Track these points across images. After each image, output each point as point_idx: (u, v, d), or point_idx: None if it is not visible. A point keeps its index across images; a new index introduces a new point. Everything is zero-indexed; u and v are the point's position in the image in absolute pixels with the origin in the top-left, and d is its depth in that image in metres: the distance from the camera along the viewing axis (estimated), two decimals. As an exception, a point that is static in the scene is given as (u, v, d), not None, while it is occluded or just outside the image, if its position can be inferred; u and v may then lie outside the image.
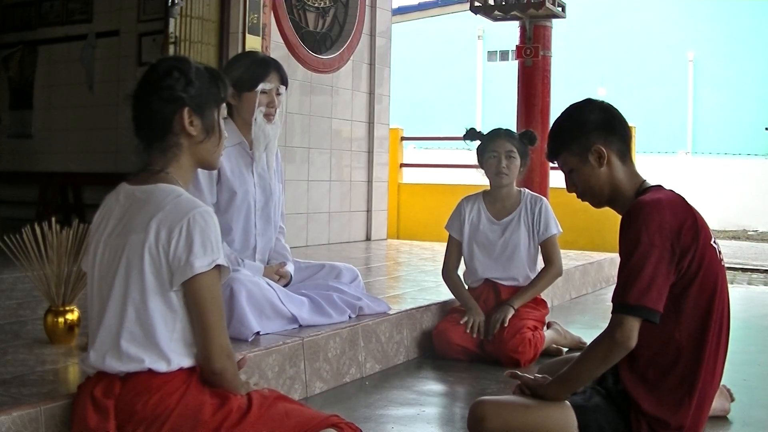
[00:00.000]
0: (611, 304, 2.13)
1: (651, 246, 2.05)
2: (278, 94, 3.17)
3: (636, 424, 2.14)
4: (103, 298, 1.94)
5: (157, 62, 2.05)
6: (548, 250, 3.78)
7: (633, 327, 2.05)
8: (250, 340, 2.90)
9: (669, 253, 2.07)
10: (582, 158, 2.26)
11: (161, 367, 1.88)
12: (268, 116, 3.14)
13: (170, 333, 1.90)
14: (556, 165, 2.37)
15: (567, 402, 2.18)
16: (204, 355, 1.91)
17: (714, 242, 2.18)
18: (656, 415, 2.12)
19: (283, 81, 3.19)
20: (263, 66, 3.16)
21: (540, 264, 3.84)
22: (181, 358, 1.91)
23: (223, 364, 1.91)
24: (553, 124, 2.35)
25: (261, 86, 3.11)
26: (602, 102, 2.31)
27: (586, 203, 2.33)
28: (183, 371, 1.91)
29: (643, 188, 2.25)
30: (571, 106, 2.33)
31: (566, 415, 2.16)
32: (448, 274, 3.86)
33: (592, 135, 2.24)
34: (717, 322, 2.15)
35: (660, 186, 2.25)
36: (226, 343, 1.93)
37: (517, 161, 3.71)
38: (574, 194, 2.35)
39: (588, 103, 2.31)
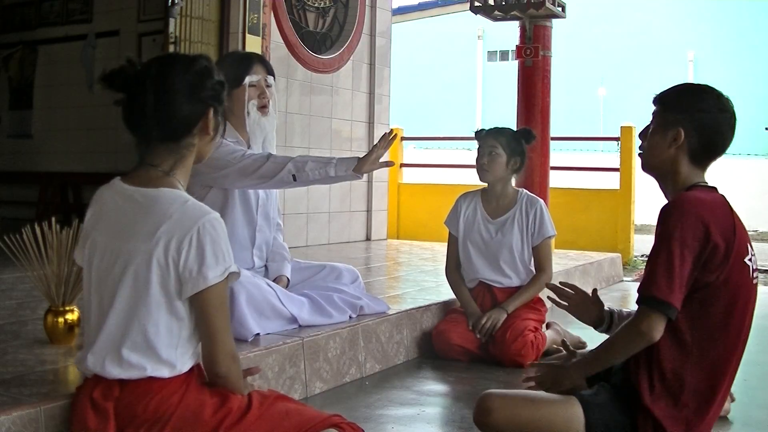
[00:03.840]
0: (638, 294, 2.13)
1: (683, 244, 2.05)
2: (268, 86, 3.17)
3: (642, 423, 2.14)
4: (103, 303, 1.89)
5: (191, 59, 1.95)
6: (541, 255, 3.74)
7: (659, 321, 2.07)
8: (249, 340, 2.90)
9: (697, 253, 2.06)
10: (664, 126, 2.23)
11: (164, 373, 1.86)
12: (263, 108, 3.15)
13: (175, 341, 1.87)
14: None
15: (575, 398, 2.18)
16: (209, 359, 1.89)
17: (749, 259, 2.13)
18: (664, 422, 2.11)
19: (270, 72, 3.20)
20: (246, 60, 3.19)
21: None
22: (183, 364, 1.88)
23: (228, 367, 1.89)
24: (686, 84, 2.31)
25: (248, 79, 3.12)
26: (729, 111, 2.22)
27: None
28: (183, 372, 1.89)
29: (693, 184, 2.20)
30: (710, 87, 2.26)
31: (574, 411, 2.15)
32: (450, 272, 3.87)
33: (686, 119, 2.19)
34: (735, 338, 2.14)
35: (712, 189, 2.21)
36: (231, 347, 1.91)
37: (502, 159, 3.68)
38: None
39: (718, 98, 2.22)
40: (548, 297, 2.49)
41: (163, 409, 1.85)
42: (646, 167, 2.28)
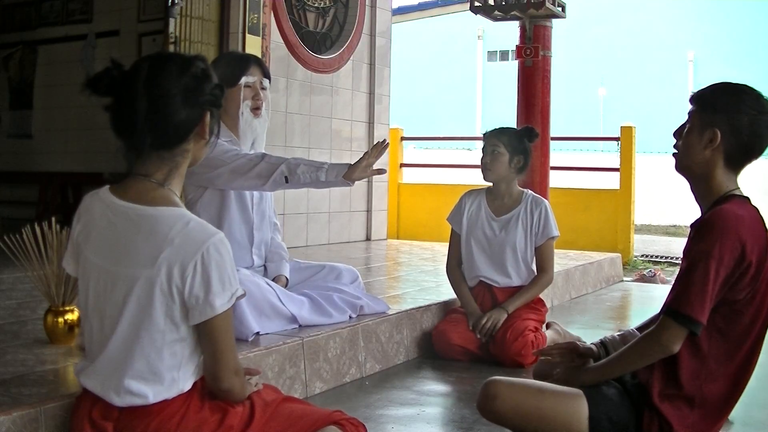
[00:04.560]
0: (664, 303, 2.10)
1: (719, 263, 2.02)
2: (263, 88, 3.19)
3: (648, 420, 2.13)
4: (105, 326, 1.82)
5: (186, 60, 1.84)
6: (543, 256, 3.75)
7: (680, 335, 2.06)
8: (250, 340, 2.90)
9: (730, 272, 2.04)
10: (700, 126, 2.15)
11: (166, 396, 1.81)
12: (255, 110, 3.16)
13: (178, 361, 1.81)
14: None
15: (581, 391, 2.18)
16: (213, 376, 1.84)
17: None
18: (672, 420, 2.11)
19: (266, 74, 3.22)
20: (243, 61, 3.21)
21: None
22: (185, 382, 1.84)
23: (231, 382, 1.85)
24: (725, 83, 2.22)
25: (243, 80, 3.13)
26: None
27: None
28: (184, 391, 1.84)
29: (728, 194, 2.15)
30: (750, 88, 2.18)
31: (578, 404, 2.15)
32: (451, 270, 3.87)
33: (723, 120, 2.11)
34: (752, 352, 2.14)
35: (746, 200, 2.16)
36: (235, 363, 1.85)
37: (504, 157, 3.69)
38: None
39: (758, 99, 2.15)
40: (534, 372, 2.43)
41: (164, 430, 1.81)
42: (679, 167, 2.22)
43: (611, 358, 2.22)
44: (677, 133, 2.23)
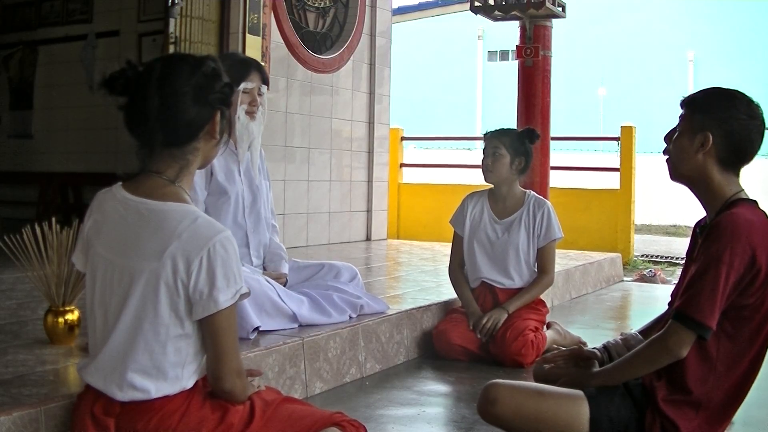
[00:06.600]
0: (671, 307, 2.10)
1: (730, 268, 2.02)
2: (260, 94, 3.20)
3: (650, 421, 2.13)
4: (108, 319, 1.84)
5: (198, 59, 1.88)
6: (545, 257, 3.75)
7: (689, 339, 2.06)
8: (251, 337, 2.90)
9: (740, 277, 2.04)
10: (691, 130, 2.15)
11: (168, 391, 1.82)
12: (251, 114, 3.17)
13: (183, 358, 1.83)
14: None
15: (582, 392, 2.18)
16: (215, 376, 1.85)
17: None
18: (677, 421, 2.11)
19: (265, 81, 3.24)
20: (244, 66, 3.20)
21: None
22: (188, 380, 1.85)
23: (233, 382, 1.86)
24: (717, 88, 2.21)
25: (243, 85, 3.13)
26: (759, 118, 2.15)
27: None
28: (186, 389, 1.86)
29: (735, 198, 2.14)
30: (740, 93, 2.17)
31: (579, 406, 2.14)
32: (453, 271, 3.87)
33: (715, 124, 2.12)
34: (759, 355, 2.13)
35: (754, 204, 2.16)
36: (238, 364, 1.87)
37: (505, 159, 3.69)
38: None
39: (749, 104, 2.15)
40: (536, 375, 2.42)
41: (165, 426, 1.82)
42: (675, 174, 2.21)
43: (618, 363, 2.20)
44: (668, 137, 2.23)
